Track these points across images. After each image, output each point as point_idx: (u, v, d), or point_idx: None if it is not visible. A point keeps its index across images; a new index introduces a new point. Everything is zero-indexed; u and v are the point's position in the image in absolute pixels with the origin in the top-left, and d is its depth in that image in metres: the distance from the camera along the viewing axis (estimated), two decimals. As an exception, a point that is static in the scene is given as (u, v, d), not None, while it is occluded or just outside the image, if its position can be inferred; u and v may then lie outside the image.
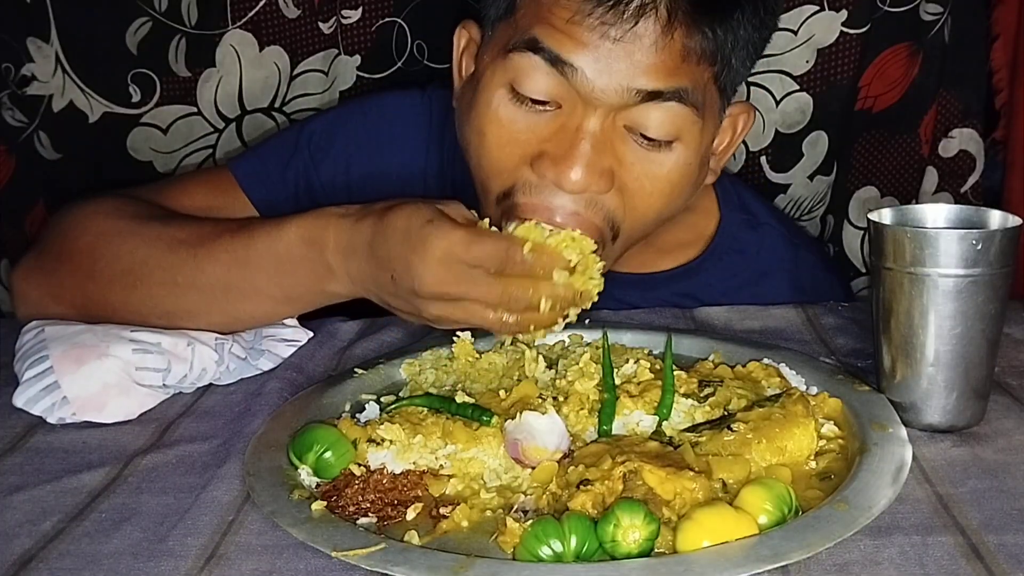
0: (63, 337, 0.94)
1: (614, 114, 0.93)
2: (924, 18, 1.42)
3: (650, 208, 0.99)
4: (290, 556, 0.69)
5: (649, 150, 0.95)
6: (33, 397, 0.91)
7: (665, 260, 1.19)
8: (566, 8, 0.91)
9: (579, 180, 0.92)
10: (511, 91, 0.95)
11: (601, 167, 0.94)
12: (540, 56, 0.93)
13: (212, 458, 0.83)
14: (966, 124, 1.47)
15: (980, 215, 0.86)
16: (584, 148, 0.93)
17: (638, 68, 0.92)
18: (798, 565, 0.65)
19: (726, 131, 1.08)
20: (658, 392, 0.84)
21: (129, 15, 1.37)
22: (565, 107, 0.94)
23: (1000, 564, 0.65)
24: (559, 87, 0.93)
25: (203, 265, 0.99)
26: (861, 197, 1.53)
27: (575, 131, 0.93)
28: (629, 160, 0.95)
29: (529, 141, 0.95)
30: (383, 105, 1.24)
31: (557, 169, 0.93)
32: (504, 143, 0.96)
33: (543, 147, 0.94)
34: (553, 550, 0.66)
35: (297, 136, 1.22)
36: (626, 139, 0.95)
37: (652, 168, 0.96)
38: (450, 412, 0.83)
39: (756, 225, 1.22)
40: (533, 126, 0.95)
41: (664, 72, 0.92)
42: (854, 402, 0.84)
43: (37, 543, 0.72)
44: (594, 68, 0.91)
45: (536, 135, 0.95)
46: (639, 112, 0.93)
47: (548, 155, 0.94)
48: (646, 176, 0.96)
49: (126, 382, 0.92)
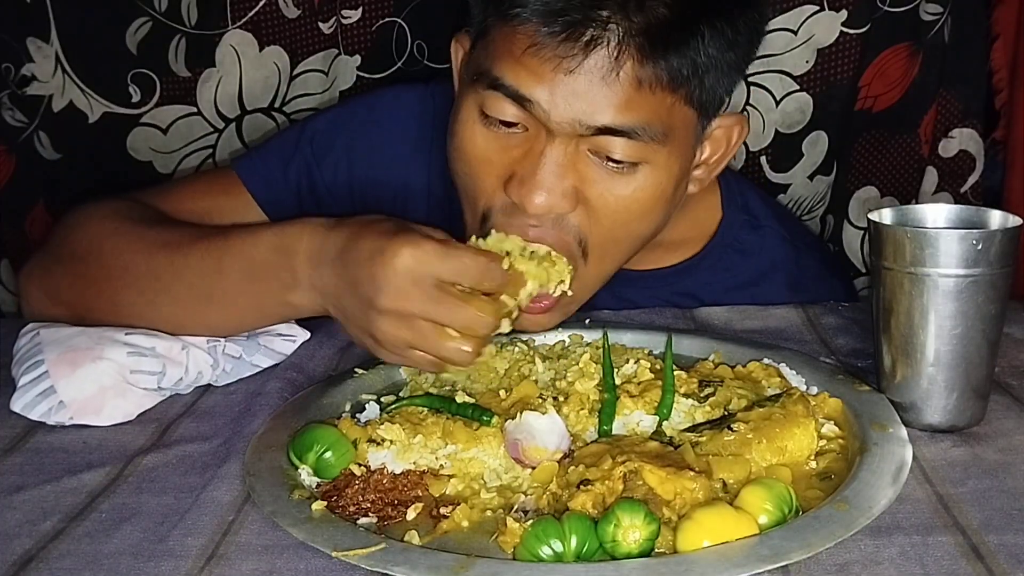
0: (58, 340, 0.94)
1: (576, 141, 0.94)
2: (924, 18, 1.42)
3: (617, 225, 0.98)
4: (290, 556, 0.69)
5: (614, 172, 0.95)
6: (30, 402, 0.91)
7: (666, 257, 1.19)
8: (524, 38, 0.91)
9: (542, 203, 0.93)
10: (482, 114, 0.97)
11: (563, 189, 0.94)
12: (501, 92, 0.94)
13: (212, 458, 0.83)
14: (966, 124, 1.47)
15: (980, 215, 0.86)
16: (546, 173, 0.93)
17: (591, 101, 0.91)
18: (798, 565, 0.65)
19: (719, 142, 1.06)
20: (658, 392, 0.84)
21: (129, 15, 1.38)
22: (531, 131, 0.95)
23: (1000, 564, 0.65)
24: (522, 115, 0.94)
25: (181, 273, 1.00)
26: (861, 197, 1.53)
27: (538, 156, 0.94)
28: (592, 178, 0.95)
29: (502, 162, 0.96)
30: (385, 98, 1.24)
31: (521, 193, 0.94)
32: (479, 162, 0.98)
33: (513, 168, 0.96)
34: (553, 550, 0.66)
35: (299, 134, 1.22)
36: (589, 161, 0.95)
37: (617, 189, 0.96)
38: (450, 412, 0.83)
39: (757, 226, 1.22)
40: (504, 147, 0.96)
41: (617, 105, 0.91)
42: (854, 402, 0.84)
43: (37, 543, 0.72)
44: (549, 101, 0.91)
45: (508, 156, 0.96)
46: (598, 141, 0.93)
47: (515, 177, 0.95)
48: (611, 196, 0.96)
49: (122, 384, 0.92)
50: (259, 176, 1.19)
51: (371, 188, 1.20)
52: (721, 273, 1.20)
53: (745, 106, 1.45)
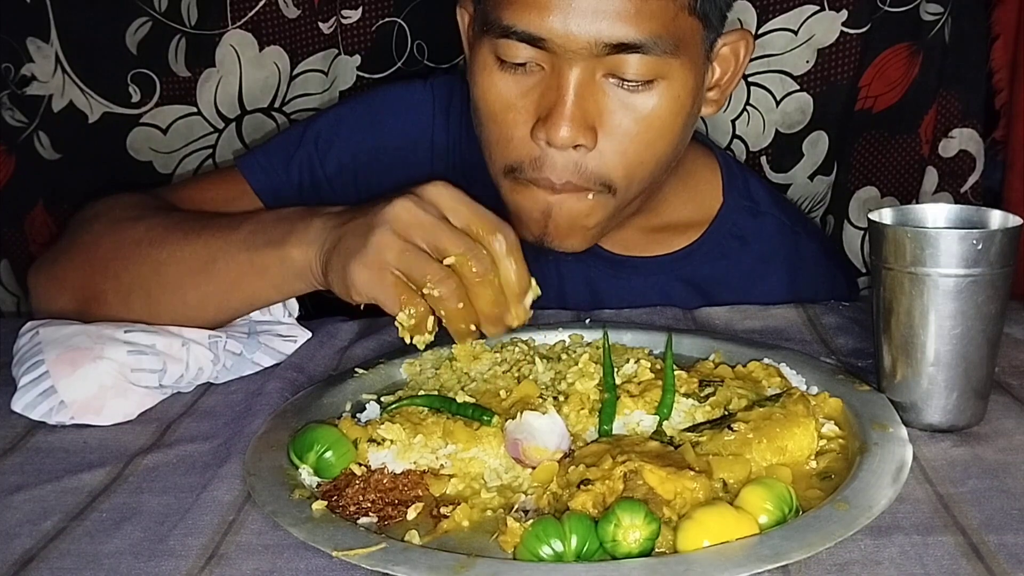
0: (57, 340, 0.94)
1: (591, 67, 0.97)
2: (924, 18, 1.42)
3: (642, 147, 1.01)
4: (291, 556, 0.69)
5: (631, 91, 0.98)
6: (31, 402, 0.91)
7: (670, 241, 1.20)
8: None
9: (567, 135, 0.96)
10: (498, 60, 1.00)
11: (585, 122, 0.97)
12: (513, 38, 0.97)
13: (213, 458, 0.84)
14: (966, 124, 1.47)
15: (980, 215, 0.86)
16: (568, 103, 0.97)
17: (600, 17, 0.94)
18: (798, 565, 0.65)
19: (727, 61, 1.09)
20: (658, 392, 0.84)
21: (129, 15, 1.38)
22: (547, 67, 0.98)
23: (1000, 564, 0.65)
24: (537, 54, 0.97)
25: (190, 240, 1.01)
26: (861, 197, 1.53)
27: (558, 89, 0.97)
28: (611, 107, 0.98)
29: (525, 106, 1.00)
30: (388, 97, 1.26)
31: (547, 129, 0.97)
32: (503, 109, 1.01)
33: (537, 112, 0.99)
34: (554, 550, 0.66)
35: (302, 132, 1.24)
36: (606, 88, 0.98)
37: (636, 109, 0.99)
38: (450, 412, 0.83)
39: (758, 213, 1.23)
40: (525, 89, 1.00)
41: (626, 17, 0.94)
42: (854, 402, 0.84)
43: (37, 543, 0.72)
44: (562, 30, 0.94)
45: (529, 99, 0.99)
46: (613, 61, 0.96)
47: (539, 120, 0.98)
48: (631, 117, 0.99)
49: (122, 384, 0.92)
50: (262, 172, 1.21)
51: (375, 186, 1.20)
52: (722, 259, 1.20)
53: (745, 106, 1.45)
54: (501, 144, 1.02)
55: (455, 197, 0.87)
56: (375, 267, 0.85)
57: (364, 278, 0.85)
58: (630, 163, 1.01)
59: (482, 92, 1.02)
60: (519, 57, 0.98)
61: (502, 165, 1.03)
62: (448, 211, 0.86)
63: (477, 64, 1.02)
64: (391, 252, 0.84)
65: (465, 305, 0.85)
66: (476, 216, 0.86)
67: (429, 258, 0.84)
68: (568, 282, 1.21)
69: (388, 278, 0.84)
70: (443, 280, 0.84)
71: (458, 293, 0.84)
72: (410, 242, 0.85)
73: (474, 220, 0.86)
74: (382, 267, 0.84)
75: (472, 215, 0.86)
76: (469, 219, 0.86)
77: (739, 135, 1.48)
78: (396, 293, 0.84)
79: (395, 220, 0.85)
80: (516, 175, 1.02)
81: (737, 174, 1.24)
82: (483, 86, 1.02)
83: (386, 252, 0.84)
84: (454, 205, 0.87)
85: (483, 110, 1.03)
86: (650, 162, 1.03)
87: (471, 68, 1.04)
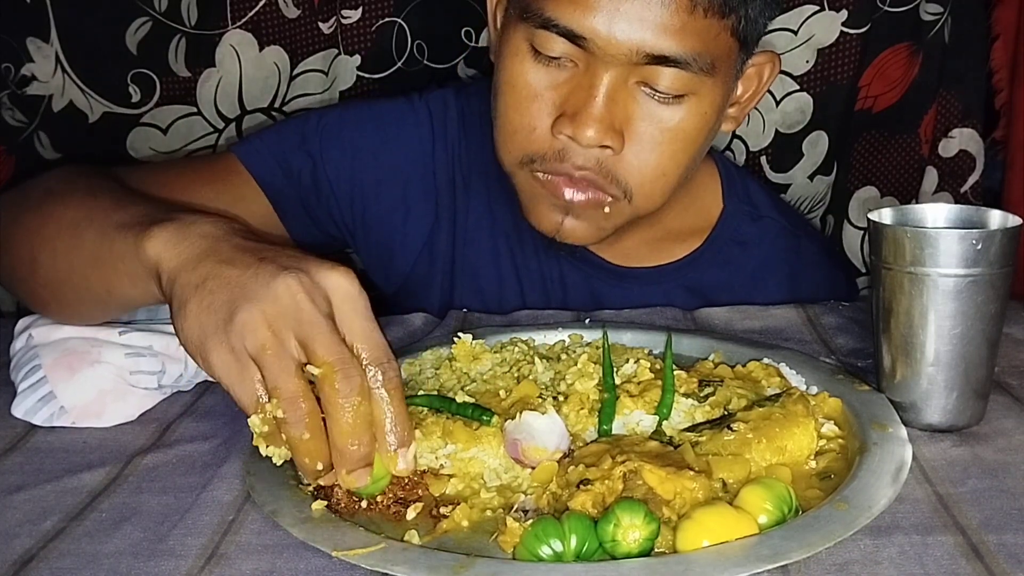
0: (53, 343, 0.94)
1: (627, 73, 0.96)
2: (924, 18, 1.42)
3: (664, 157, 1.01)
4: (290, 556, 0.69)
5: (661, 103, 0.98)
6: (31, 408, 0.90)
7: (673, 250, 1.20)
8: None
9: (593, 136, 0.96)
10: (532, 49, 0.99)
11: (612, 124, 0.97)
12: (553, 31, 0.96)
13: (212, 457, 0.84)
14: (966, 124, 1.47)
15: (980, 215, 0.86)
16: (598, 104, 0.96)
17: (645, 27, 0.93)
18: (798, 565, 0.65)
19: (751, 80, 1.09)
20: (658, 392, 0.84)
21: (129, 15, 1.38)
22: (581, 65, 0.98)
23: (1000, 564, 0.65)
24: (574, 51, 0.97)
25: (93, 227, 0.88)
26: (861, 197, 1.53)
27: (588, 89, 0.97)
28: (639, 114, 0.98)
29: (552, 99, 0.99)
30: (386, 110, 1.23)
31: (573, 126, 0.96)
32: (529, 98, 1.00)
33: (563, 107, 0.98)
34: (553, 550, 0.66)
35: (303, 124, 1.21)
36: (637, 95, 0.98)
37: (663, 120, 0.99)
38: (450, 412, 0.83)
39: (758, 217, 1.23)
40: (554, 83, 0.99)
41: (671, 31, 0.94)
42: (854, 402, 0.84)
43: (37, 543, 0.72)
44: (605, 31, 0.94)
45: (557, 93, 0.99)
46: (648, 71, 0.96)
47: (566, 115, 0.97)
48: (657, 128, 0.99)
49: (121, 386, 0.92)
50: (261, 157, 1.18)
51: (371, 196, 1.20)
52: (724, 265, 1.20)
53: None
54: (521, 134, 1.01)
55: (352, 299, 0.72)
56: (234, 352, 0.71)
57: (220, 361, 0.71)
58: (652, 173, 1.01)
59: (510, 77, 1.01)
60: (554, 51, 0.97)
61: (519, 155, 1.02)
62: (338, 310, 0.72)
63: (509, 48, 1.01)
64: (251, 340, 0.70)
65: (314, 437, 0.70)
66: (366, 333, 0.72)
67: (289, 366, 0.70)
68: (571, 293, 1.21)
69: (249, 372, 0.70)
70: (292, 402, 0.69)
71: (308, 423, 0.70)
72: (278, 335, 0.70)
73: (361, 337, 0.71)
74: (241, 354, 0.70)
75: (362, 330, 0.72)
76: (356, 333, 0.71)
77: (739, 135, 1.48)
78: (254, 392, 0.71)
79: (272, 301, 0.70)
80: (534, 167, 1.02)
81: (736, 178, 1.24)
82: (512, 72, 1.01)
83: (247, 337, 0.70)
84: (348, 308, 0.72)
85: (508, 96, 1.02)
86: (671, 174, 1.03)
87: (501, 50, 1.03)
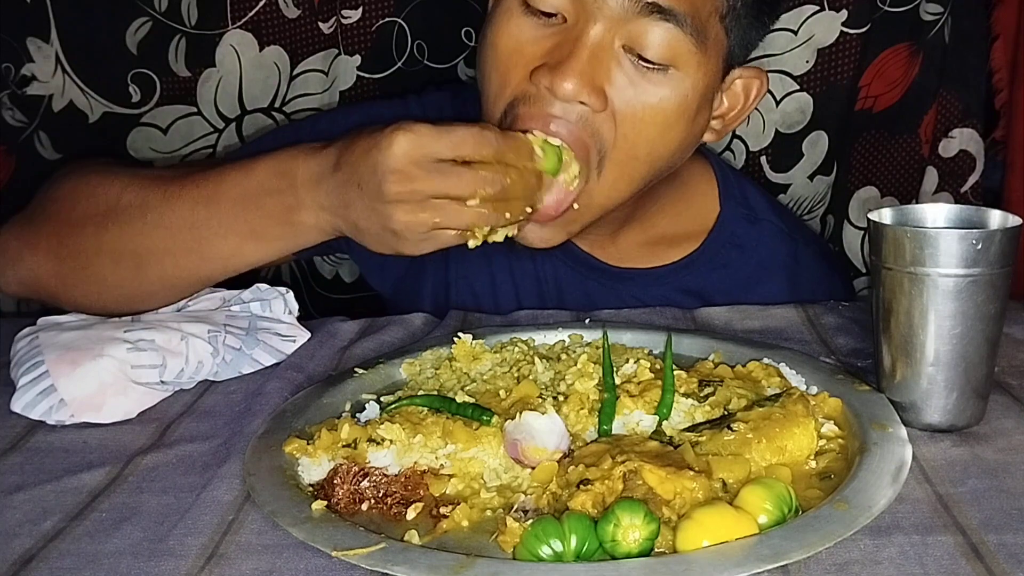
0: (57, 343, 0.94)
1: (615, 30, 0.96)
2: (924, 18, 1.42)
3: (640, 136, 0.99)
4: (290, 556, 0.69)
5: (644, 72, 0.97)
6: (31, 402, 0.91)
7: (668, 253, 1.19)
8: None
9: (572, 88, 0.95)
10: (523, 4, 0.99)
11: (594, 81, 0.96)
12: None
13: (212, 457, 0.84)
14: (966, 124, 1.47)
15: (980, 215, 0.86)
16: (580, 58, 0.96)
17: None
18: (798, 565, 0.65)
19: (736, 96, 1.08)
20: (658, 392, 0.84)
21: (129, 15, 1.38)
22: (570, 20, 0.97)
23: (1000, 564, 0.65)
24: (566, 4, 0.97)
25: (172, 203, 0.99)
26: (861, 197, 1.53)
27: (574, 42, 0.96)
28: (622, 83, 0.97)
29: (532, 53, 0.98)
30: (384, 112, 1.24)
31: (552, 76, 0.96)
32: (510, 53, 0.99)
33: (544, 58, 0.98)
34: (553, 550, 0.66)
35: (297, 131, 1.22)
36: (622, 61, 0.97)
37: (645, 94, 0.98)
38: (450, 412, 0.83)
39: (755, 220, 1.23)
40: (539, 38, 0.98)
41: None
42: (854, 402, 0.84)
43: (37, 542, 0.72)
44: None
45: (540, 47, 0.98)
46: (638, 27, 0.95)
47: (546, 64, 0.97)
48: (638, 101, 0.98)
49: (123, 381, 0.92)
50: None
51: None
52: (721, 268, 1.20)
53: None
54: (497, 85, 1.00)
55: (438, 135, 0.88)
56: (416, 237, 0.90)
57: (417, 247, 0.91)
58: (626, 148, 0.99)
59: (494, 34, 1.01)
60: (546, 4, 0.97)
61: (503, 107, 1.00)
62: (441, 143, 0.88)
63: (500, 8, 1.01)
64: (418, 218, 0.88)
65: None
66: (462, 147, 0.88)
67: (449, 201, 0.87)
68: (567, 295, 1.20)
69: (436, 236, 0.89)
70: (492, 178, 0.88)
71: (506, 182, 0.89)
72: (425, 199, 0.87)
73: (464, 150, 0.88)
74: (421, 233, 0.89)
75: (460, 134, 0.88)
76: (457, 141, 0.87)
77: (739, 135, 1.48)
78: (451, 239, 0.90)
79: (403, 194, 0.87)
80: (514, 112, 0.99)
81: (733, 181, 1.24)
82: (497, 27, 1.00)
83: (415, 224, 0.88)
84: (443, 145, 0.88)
85: (489, 54, 1.01)
86: (643, 159, 1.01)
87: (490, 14, 1.03)
